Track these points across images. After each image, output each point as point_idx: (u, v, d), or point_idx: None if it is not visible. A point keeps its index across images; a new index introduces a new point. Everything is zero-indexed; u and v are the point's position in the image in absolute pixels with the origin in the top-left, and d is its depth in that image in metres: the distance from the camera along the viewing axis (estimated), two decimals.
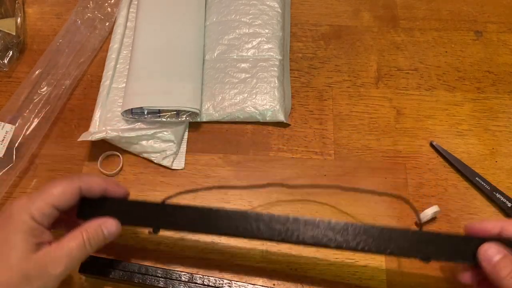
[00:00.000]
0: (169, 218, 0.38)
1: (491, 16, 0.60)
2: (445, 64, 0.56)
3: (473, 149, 0.51)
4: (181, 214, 0.38)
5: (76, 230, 0.36)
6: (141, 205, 0.39)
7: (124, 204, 0.40)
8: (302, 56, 0.57)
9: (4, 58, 0.55)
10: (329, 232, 0.36)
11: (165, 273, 0.42)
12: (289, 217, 0.37)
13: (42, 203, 0.35)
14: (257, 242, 0.46)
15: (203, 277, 0.41)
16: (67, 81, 0.54)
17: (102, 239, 0.37)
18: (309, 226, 0.36)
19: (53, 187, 0.36)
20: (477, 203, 0.48)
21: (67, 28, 0.57)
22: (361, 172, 0.50)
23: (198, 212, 0.38)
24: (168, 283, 0.41)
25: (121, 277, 0.41)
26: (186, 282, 0.41)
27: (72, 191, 0.36)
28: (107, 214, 0.38)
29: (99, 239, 0.37)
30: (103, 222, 0.37)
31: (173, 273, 0.42)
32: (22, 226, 0.34)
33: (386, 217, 0.47)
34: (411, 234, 0.36)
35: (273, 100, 0.51)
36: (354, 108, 0.53)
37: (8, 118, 0.50)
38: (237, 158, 0.51)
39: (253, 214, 0.37)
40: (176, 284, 0.41)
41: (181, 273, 0.42)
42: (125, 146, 0.50)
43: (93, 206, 0.38)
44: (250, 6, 0.56)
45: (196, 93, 0.51)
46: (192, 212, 0.38)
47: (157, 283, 0.41)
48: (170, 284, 0.41)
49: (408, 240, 0.36)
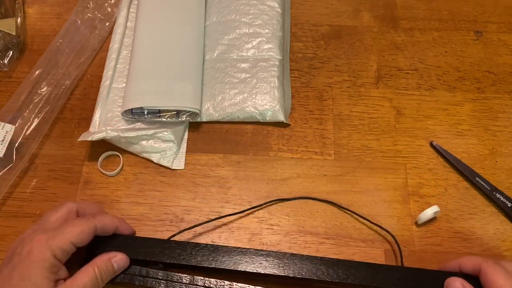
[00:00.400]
0: (173, 254, 0.41)
1: (491, 16, 0.60)
2: (445, 64, 0.56)
3: (473, 149, 0.51)
4: (183, 249, 0.41)
5: (88, 265, 0.38)
6: (147, 241, 0.42)
7: (132, 239, 0.42)
8: (302, 56, 0.57)
9: (4, 58, 0.55)
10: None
11: (166, 275, 0.41)
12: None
13: (63, 241, 0.36)
14: (256, 243, 0.46)
15: (204, 279, 0.41)
16: (67, 81, 0.54)
17: (112, 273, 0.39)
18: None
19: (72, 226, 0.37)
20: (477, 203, 0.48)
21: (67, 28, 0.57)
22: (361, 172, 0.50)
23: (201, 248, 0.41)
24: (169, 285, 0.41)
25: (121, 280, 0.41)
26: (187, 284, 0.41)
27: (89, 231, 0.38)
28: (115, 248, 0.40)
29: (110, 273, 0.39)
30: (113, 256, 0.39)
31: (174, 275, 0.41)
32: (44, 263, 0.35)
33: (386, 217, 0.47)
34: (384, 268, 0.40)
35: (273, 100, 0.51)
36: (354, 108, 0.53)
37: (8, 118, 0.50)
38: (237, 158, 0.51)
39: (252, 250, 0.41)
40: (177, 286, 0.41)
41: (182, 275, 0.41)
42: (125, 146, 0.50)
43: (102, 241, 0.40)
44: (250, 6, 0.56)
45: (196, 93, 0.51)
46: (192, 248, 0.41)
47: (158, 285, 0.41)
48: (171, 286, 0.41)
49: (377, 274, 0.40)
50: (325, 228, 0.47)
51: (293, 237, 0.46)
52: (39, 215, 0.47)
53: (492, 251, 0.46)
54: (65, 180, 0.49)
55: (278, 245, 0.46)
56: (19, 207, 0.48)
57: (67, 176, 0.50)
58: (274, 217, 0.47)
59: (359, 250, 0.46)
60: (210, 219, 0.46)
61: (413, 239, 0.46)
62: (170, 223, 0.47)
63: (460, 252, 0.46)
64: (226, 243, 0.46)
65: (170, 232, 0.46)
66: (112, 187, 0.49)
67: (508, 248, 0.46)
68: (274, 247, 0.46)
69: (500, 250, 0.46)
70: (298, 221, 0.47)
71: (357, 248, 0.46)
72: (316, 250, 0.46)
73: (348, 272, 0.40)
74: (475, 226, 0.47)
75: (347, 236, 0.46)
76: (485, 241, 0.46)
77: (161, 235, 0.46)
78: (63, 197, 0.48)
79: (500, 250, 0.46)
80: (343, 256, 0.45)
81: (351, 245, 0.46)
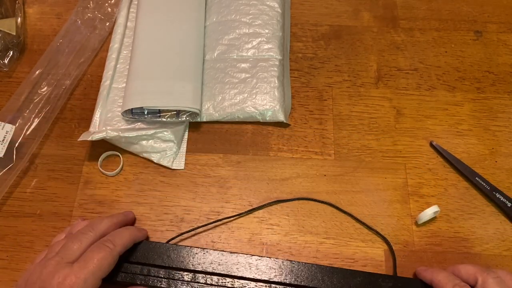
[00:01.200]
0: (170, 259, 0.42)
1: (491, 16, 0.60)
2: (445, 64, 0.56)
3: (473, 149, 0.51)
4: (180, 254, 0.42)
5: None
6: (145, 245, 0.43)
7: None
8: (302, 56, 0.57)
9: (4, 58, 0.55)
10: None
11: (167, 273, 0.41)
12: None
13: (94, 279, 0.36)
14: (256, 243, 0.46)
15: (205, 277, 0.41)
16: (67, 81, 0.54)
17: None
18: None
19: (102, 259, 0.37)
20: (477, 203, 0.48)
21: (67, 28, 0.57)
22: (361, 172, 0.50)
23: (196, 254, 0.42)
24: (170, 283, 0.41)
25: (123, 279, 0.41)
26: (189, 282, 0.41)
27: (115, 261, 0.38)
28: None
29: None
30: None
31: (176, 274, 0.41)
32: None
33: (386, 217, 0.47)
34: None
35: (273, 100, 0.51)
36: (354, 108, 0.54)
37: (9, 118, 0.50)
38: (237, 158, 0.51)
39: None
40: (179, 284, 0.41)
41: (183, 273, 0.41)
42: (125, 146, 0.50)
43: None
44: (250, 6, 0.56)
45: (196, 93, 0.51)
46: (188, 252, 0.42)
47: (160, 283, 0.41)
48: (173, 284, 0.41)
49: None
50: (325, 228, 0.47)
51: (293, 237, 0.46)
52: (39, 215, 0.48)
53: (492, 251, 0.46)
54: (65, 180, 0.49)
55: (278, 245, 0.46)
56: (19, 207, 0.48)
57: (67, 176, 0.50)
58: (274, 217, 0.47)
59: (359, 250, 0.46)
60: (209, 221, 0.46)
61: (413, 239, 0.46)
62: (170, 223, 0.47)
63: (460, 252, 0.46)
64: (226, 243, 0.46)
65: (170, 232, 0.46)
66: (112, 187, 0.49)
67: (508, 248, 0.46)
68: (274, 247, 0.46)
69: (500, 250, 0.46)
70: (298, 221, 0.47)
71: (357, 248, 0.46)
72: (316, 250, 0.46)
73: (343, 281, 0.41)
74: (475, 226, 0.47)
75: (347, 236, 0.46)
76: (485, 241, 0.46)
77: (161, 235, 0.46)
78: (63, 197, 0.48)
79: (500, 250, 0.46)
80: (343, 256, 0.45)
81: (351, 245, 0.46)
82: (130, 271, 0.41)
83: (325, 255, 0.45)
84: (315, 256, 0.45)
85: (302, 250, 0.46)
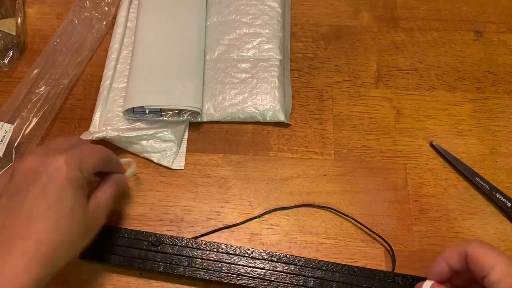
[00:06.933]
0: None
1: (491, 16, 0.60)
2: (445, 64, 0.56)
3: (473, 149, 0.51)
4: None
5: (104, 185, 0.40)
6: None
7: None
8: (302, 56, 0.57)
9: (4, 58, 0.55)
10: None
11: (164, 258, 0.42)
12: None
13: (89, 162, 0.37)
14: (256, 243, 0.46)
15: (202, 261, 0.42)
16: (65, 81, 0.54)
17: (121, 193, 0.43)
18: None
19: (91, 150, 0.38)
20: (477, 203, 0.48)
21: (64, 28, 0.57)
22: (361, 172, 0.50)
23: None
24: (167, 267, 0.41)
25: (121, 262, 0.42)
26: (186, 267, 0.42)
27: (105, 158, 0.40)
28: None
29: (120, 192, 0.42)
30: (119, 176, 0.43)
31: (173, 258, 0.42)
32: (77, 182, 0.35)
33: (386, 217, 0.47)
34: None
35: (274, 100, 0.51)
36: (354, 108, 0.53)
37: (7, 118, 0.50)
38: (237, 158, 0.51)
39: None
40: (176, 268, 0.42)
41: (180, 257, 0.42)
42: (125, 146, 0.50)
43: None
44: (250, 6, 0.56)
45: (197, 92, 0.51)
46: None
47: (157, 268, 0.42)
48: (170, 268, 0.41)
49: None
50: (325, 228, 0.47)
51: (293, 237, 0.46)
52: None
53: None
54: None
55: (278, 245, 0.46)
56: None
57: None
58: (274, 217, 0.47)
59: (359, 250, 0.46)
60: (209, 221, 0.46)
61: (413, 239, 0.46)
62: (170, 223, 0.47)
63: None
64: (226, 243, 0.46)
65: (170, 232, 0.46)
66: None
67: (508, 248, 0.46)
68: (274, 247, 0.46)
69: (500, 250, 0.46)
70: (298, 221, 0.47)
71: (357, 248, 0.46)
72: (316, 250, 0.46)
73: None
74: (475, 226, 0.47)
75: (347, 236, 0.46)
76: (485, 241, 0.46)
77: None
78: None
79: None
80: (343, 256, 0.45)
81: (351, 245, 0.46)
82: (128, 255, 0.42)
83: (325, 255, 0.45)
84: (315, 256, 0.45)
85: (302, 250, 0.46)
